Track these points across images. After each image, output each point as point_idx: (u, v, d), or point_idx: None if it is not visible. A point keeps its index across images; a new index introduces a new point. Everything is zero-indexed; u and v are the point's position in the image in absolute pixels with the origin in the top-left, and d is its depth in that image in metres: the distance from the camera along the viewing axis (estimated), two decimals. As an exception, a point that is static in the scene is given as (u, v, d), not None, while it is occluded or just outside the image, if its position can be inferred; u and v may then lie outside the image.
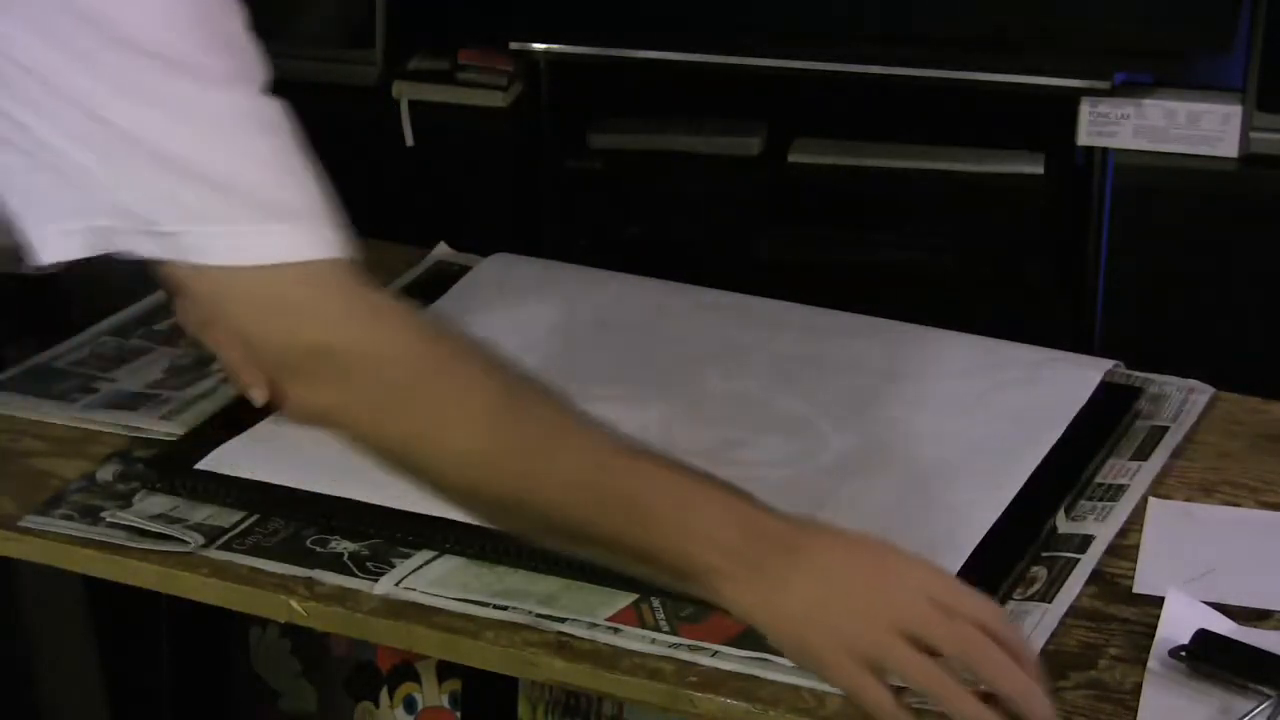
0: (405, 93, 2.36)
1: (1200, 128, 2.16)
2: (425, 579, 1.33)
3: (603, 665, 1.25)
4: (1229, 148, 2.16)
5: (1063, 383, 1.55)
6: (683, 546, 1.14)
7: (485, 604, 1.30)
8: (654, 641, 1.26)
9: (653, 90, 2.39)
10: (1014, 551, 1.34)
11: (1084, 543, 1.36)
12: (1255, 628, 1.27)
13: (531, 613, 1.29)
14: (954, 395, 1.54)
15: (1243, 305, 2.17)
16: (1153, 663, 1.23)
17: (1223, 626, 1.26)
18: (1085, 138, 2.20)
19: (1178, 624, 1.25)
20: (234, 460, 1.45)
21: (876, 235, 2.36)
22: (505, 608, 1.30)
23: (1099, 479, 1.45)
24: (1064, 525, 1.39)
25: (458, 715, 1.71)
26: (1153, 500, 1.42)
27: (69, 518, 1.41)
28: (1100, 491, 1.43)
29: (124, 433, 1.52)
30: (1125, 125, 2.18)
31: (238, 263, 1.12)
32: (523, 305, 1.70)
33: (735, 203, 2.40)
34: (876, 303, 1.70)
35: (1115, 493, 1.43)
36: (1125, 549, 1.37)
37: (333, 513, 1.39)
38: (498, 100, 2.36)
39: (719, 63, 2.25)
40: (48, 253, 1.14)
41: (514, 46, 2.30)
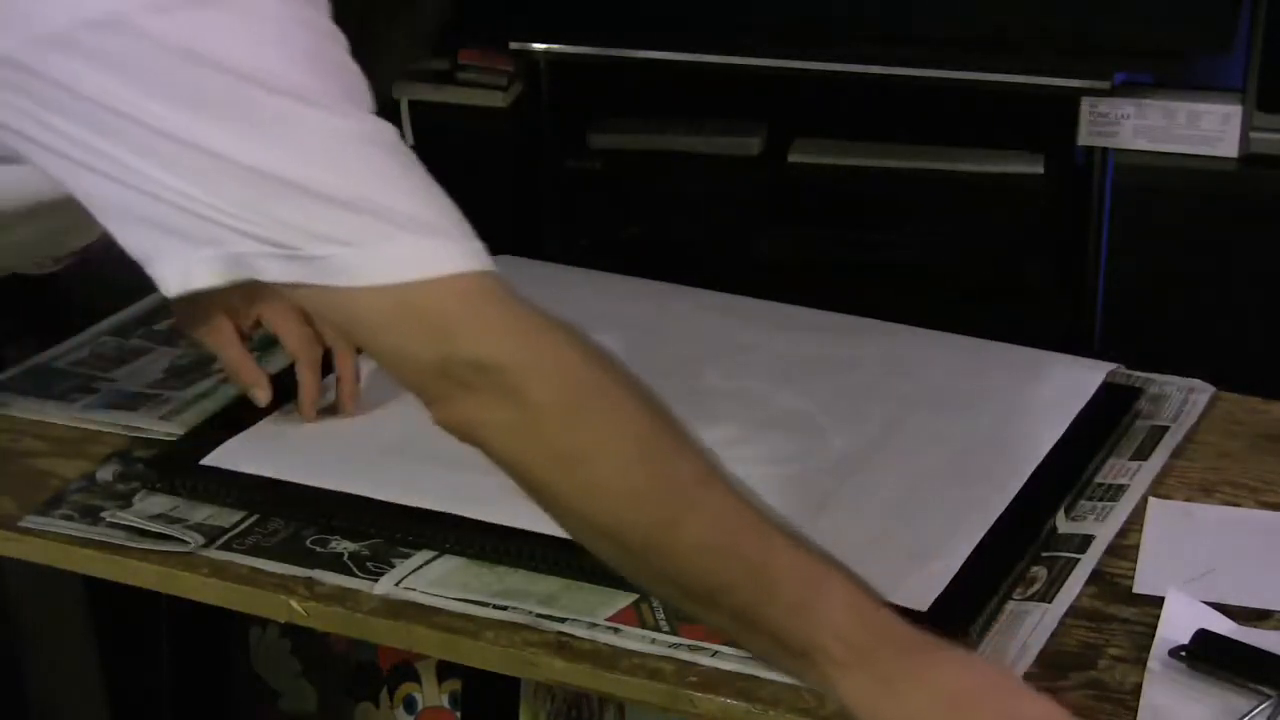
0: (405, 93, 2.36)
1: (1200, 128, 2.17)
2: (425, 579, 1.33)
3: (603, 665, 1.25)
4: (1229, 148, 2.16)
5: (1063, 383, 1.56)
6: (806, 627, 1.11)
7: (485, 604, 1.30)
8: (654, 641, 1.26)
9: (653, 90, 2.39)
10: (1014, 551, 1.34)
11: (1084, 543, 1.36)
12: (1255, 628, 1.27)
13: (531, 613, 1.29)
14: (954, 395, 1.54)
15: (1243, 305, 2.17)
16: (1153, 663, 1.23)
17: (1223, 626, 1.26)
18: (1085, 138, 2.20)
19: (1178, 624, 1.25)
20: (237, 456, 1.45)
21: (876, 235, 2.36)
22: (505, 608, 1.30)
23: (1099, 479, 1.45)
24: (1064, 525, 1.39)
25: (458, 715, 1.71)
26: (1153, 500, 1.42)
27: (69, 518, 1.41)
28: (1100, 491, 1.43)
29: (124, 433, 1.52)
30: (1125, 125, 2.18)
31: (390, 280, 1.11)
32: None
33: (735, 203, 2.41)
34: (876, 302, 1.70)
35: (1115, 493, 1.43)
36: (1125, 549, 1.36)
37: (333, 513, 1.39)
38: (498, 100, 2.37)
39: (719, 63, 2.26)
40: (175, 284, 1.14)
41: (514, 46, 2.30)
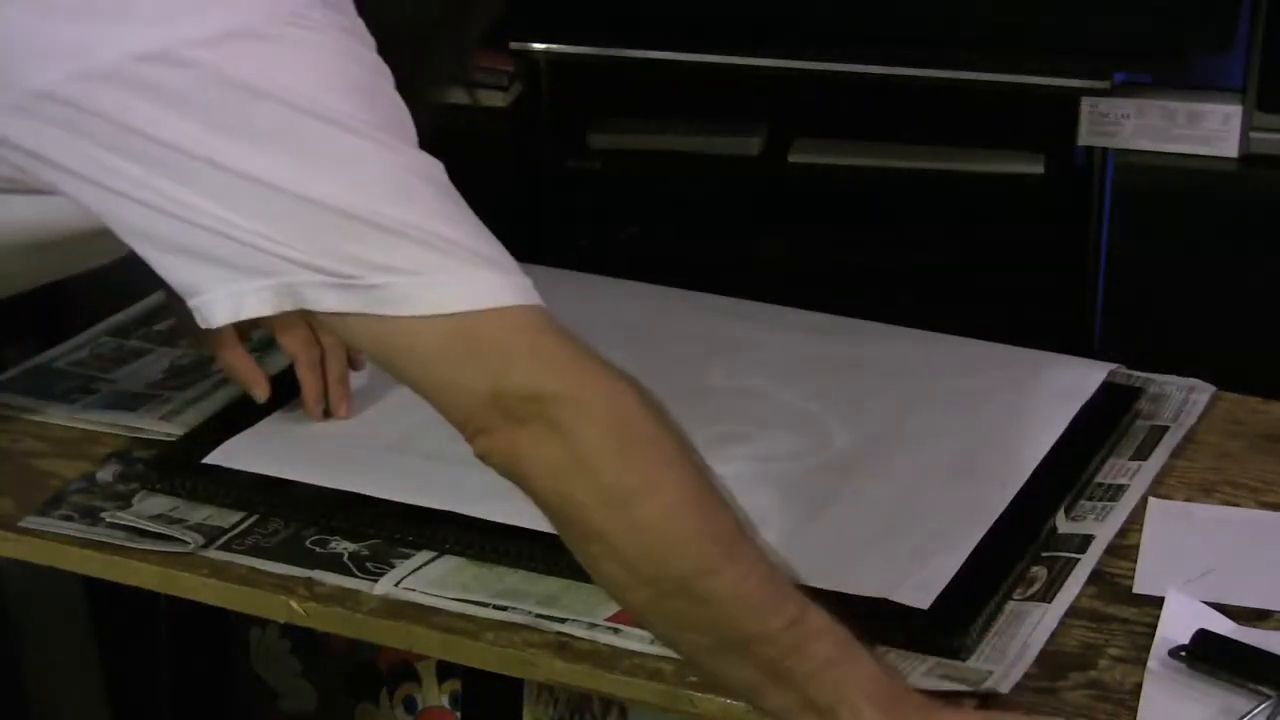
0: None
1: (1200, 128, 2.16)
2: (425, 579, 1.33)
3: (603, 665, 1.25)
4: (1229, 148, 2.16)
5: (1063, 383, 1.56)
6: (837, 684, 1.12)
7: (485, 604, 1.30)
8: (654, 642, 1.26)
9: (653, 90, 2.39)
10: (1014, 551, 1.34)
11: (1084, 543, 1.36)
12: (1255, 628, 1.27)
13: (531, 613, 1.29)
14: (955, 395, 1.54)
15: (1243, 305, 2.17)
16: (1153, 663, 1.23)
17: (1223, 626, 1.26)
18: (1085, 138, 2.20)
19: (1178, 624, 1.25)
20: (237, 456, 1.45)
21: (876, 235, 2.36)
22: (505, 608, 1.30)
23: (1099, 479, 1.45)
24: (1064, 525, 1.39)
25: (458, 715, 1.71)
26: (1153, 500, 1.42)
27: (69, 518, 1.41)
28: (1100, 491, 1.43)
29: (124, 433, 1.52)
30: (1125, 125, 2.18)
31: (448, 310, 1.11)
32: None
33: (735, 203, 2.41)
34: (876, 302, 1.70)
35: (1115, 493, 1.43)
36: (1125, 549, 1.37)
37: (333, 513, 1.39)
38: (498, 100, 2.37)
39: (719, 63, 2.25)
40: (224, 315, 1.14)
41: (514, 46, 2.30)
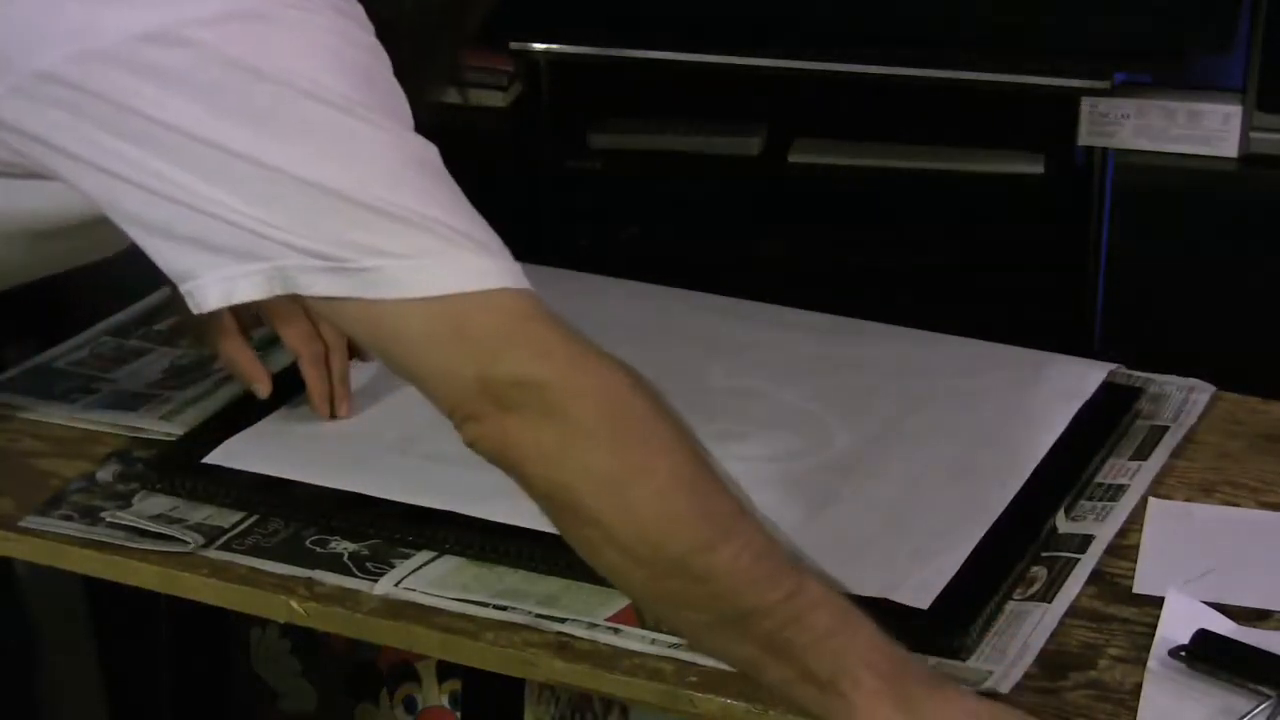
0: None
1: (1200, 128, 2.16)
2: (425, 579, 1.33)
3: (603, 665, 1.25)
4: (1229, 148, 2.16)
5: (1063, 383, 1.56)
6: (837, 655, 1.12)
7: (485, 604, 1.30)
8: (654, 641, 1.26)
9: (653, 90, 2.39)
10: (1014, 551, 1.34)
11: (1084, 543, 1.36)
12: (1255, 628, 1.27)
13: (531, 613, 1.29)
14: (955, 394, 1.54)
15: (1243, 305, 2.17)
16: (1153, 663, 1.23)
17: (1223, 626, 1.26)
18: (1085, 138, 2.20)
19: (1178, 624, 1.25)
20: (237, 456, 1.45)
21: (876, 235, 2.36)
22: (505, 608, 1.30)
23: (1099, 479, 1.45)
24: (1064, 525, 1.39)
25: (458, 715, 1.71)
26: (1153, 500, 1.42)
27: (69, 518, 1.41)
28: (1100, 491, 1.43)
29: (124, 433, 1.52)
30: (1125, 125, 2.18)
31: (439, 292, 1.11)
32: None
33: (735, 203, 2.40)
34: (876, 302, 1.70)
35: (1115, 493, 1.43)
36: (1125, 549, 1.36)
37: (333, 513, 1.39)
38: (498, 100, 2.37)
39: (719, 63, 2.26)
40: (216, 299, 1.14)
41: (514, 46, 2.30)
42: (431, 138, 1.18)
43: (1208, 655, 1.22)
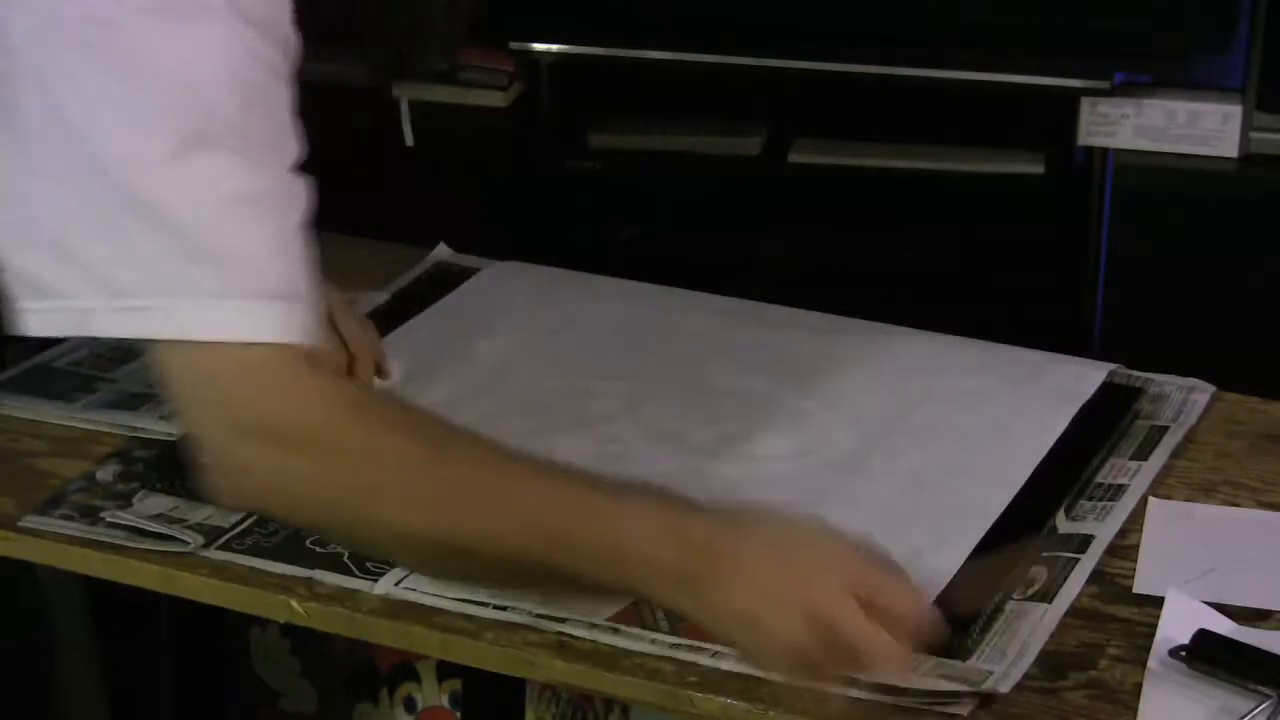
0: (405, 93, 2.36)
1: (1200, 128, 2.17)
2: (425, 579, 1.33)
3: (603, 665, 1.25)
4: (1229, 148, 2.16)
5: (1063, 383, 1.56)
6: (619, 568, 1.18)
7: (485, 604, 1.30)
8: (654, 641, 1.26)
9: (653, 90, 2.39)
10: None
11: (1084, 543, 1.36)
12: (1255, 628, 1.27)
13: (531, 613, 1.29)
14: (955, 394, 1.54)
15: (1243, 305, 2.17)
16: (1153, 663, 1.23)
17: (1223, 626, 1.26)
18: (1085, 138, 2.20)
19: (1178, 624, 1.25)
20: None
21: (876, 235, 2.36)
22: (505, 608, 1.30)
23: (1099, 479, 1.45)
24: (1064, 525, 1.39)
25: (458, 715, 1.71)
26: (1153, 500, 1.42)
27: (69, 518, 1.41)
28: (1100, 491, 1.43)
29: (124, 433, 1.52)
30: (1125, 125, 2.18)
31: (193, 337, 1.16)
32: (525, 308, 1.70)
33: (735, 203, 2.40)
34: (876, 302, 1.70)
35: (1115, 493, 1.43)
36: (1125, 549, 1.37)
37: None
38: (498, 100, 2.37)
39: (719, 63, 2.26)
40: (30, 328, 1.19)
41: (514, 46, 2.30)
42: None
43: (1208, 655, 1.22)
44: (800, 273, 2.29)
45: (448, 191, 2.34)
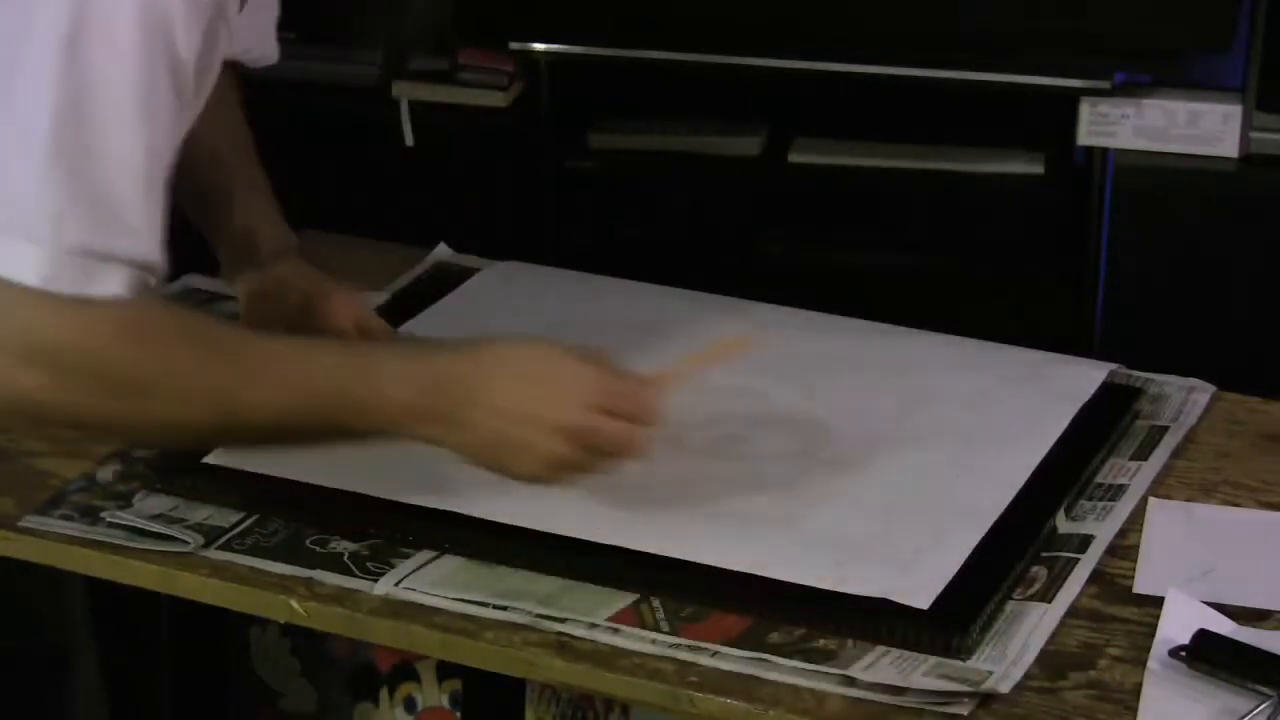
0: (405, 93, 2.36)
1: (1200, 128, 2.17)
2: (425, 579, 1.33)
3: (603, 665, 1.25)
4: (1229, 148, 2.17)
5: (1063, 383, 1.56)
6: (379, 416, 1.30)
7: (485, 604, 1.30)
8: (654, 641, 1.26)
9: (653, 90, 2.39)
10: (1014, 551, 1.34)
11: (1084, 543, 1.36)
12: (1255, 628, 1.27)
13: (531, 613, 1.29)
14: (955, 394, 1.54)
15: (1243, 305, 2.17)
16: (1153, 663, 1.23)
17: (1223, 626, 1.26)
18: (1085, 138, 2.20)
19: (1178, 624, 1.25)
20: (239, 455, 1.45)
21: (876, 235, 2.36)
22: (505, 608, 1.30)
23: (1099, 479, 1.45)
24: (1064, 525, 1.39)
25: (458, 715, 1.71)
26: (1153, 500, 1.42)
27: (69, 518, 1.41)
28: (1100, 491, 1.43)
29: (124, 433, 1.52)
30: (1125, 125, 2.18)
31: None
32: (525, 307, 1.70)
33: (735, 203, 2.40)
34: (876, 302, 1.70)
35: (1115, 493, 1.43)
36: (1125, 549, 1.37)
37: (333, 513, 1.39)
38: (498, 100, 2.37)
39: (719, 63, 2.26)
40: None
41: (514, 46, 2.30)
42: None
43: (1208, 655, 1.22)
44: (800, 272, 2.29)
45: (448, 191, 2.35)
